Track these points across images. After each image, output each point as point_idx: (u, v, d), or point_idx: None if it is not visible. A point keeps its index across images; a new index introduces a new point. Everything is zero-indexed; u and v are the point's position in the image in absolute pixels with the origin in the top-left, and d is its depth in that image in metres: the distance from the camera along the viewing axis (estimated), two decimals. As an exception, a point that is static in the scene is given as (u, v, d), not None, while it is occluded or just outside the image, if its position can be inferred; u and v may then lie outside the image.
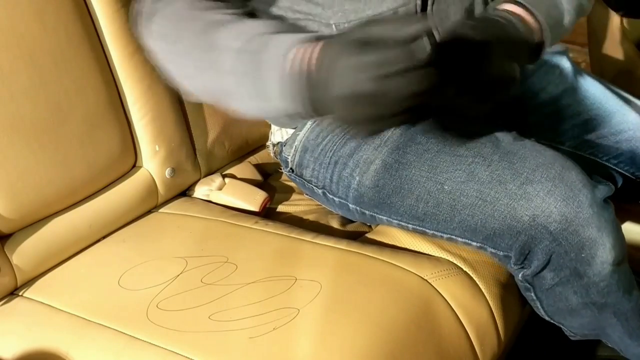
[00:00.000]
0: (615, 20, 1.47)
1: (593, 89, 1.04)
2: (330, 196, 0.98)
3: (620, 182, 1.01)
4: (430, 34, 0.85)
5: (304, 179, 1.02)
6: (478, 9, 0.95)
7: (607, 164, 1.03)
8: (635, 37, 1.47)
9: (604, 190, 0.80)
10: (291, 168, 1.03)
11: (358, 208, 0.94)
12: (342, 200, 0.96)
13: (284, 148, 1.05)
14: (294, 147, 1.01)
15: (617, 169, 1.03)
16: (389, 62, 0.61)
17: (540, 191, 0.78)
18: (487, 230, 0.82)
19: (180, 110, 1.07)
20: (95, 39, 0.97)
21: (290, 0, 0.90)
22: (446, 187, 0.83)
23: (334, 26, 0.88)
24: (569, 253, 0.79)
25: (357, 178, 0.91)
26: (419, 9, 0.88)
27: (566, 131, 1.02)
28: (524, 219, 0.78)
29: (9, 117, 0.86)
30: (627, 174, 1.03)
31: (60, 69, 0.91)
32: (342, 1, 0.87)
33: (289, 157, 1.03)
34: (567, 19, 0.88)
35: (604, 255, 0.78)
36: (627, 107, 1.03)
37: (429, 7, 0.89)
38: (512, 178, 0.79)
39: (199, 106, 1.10)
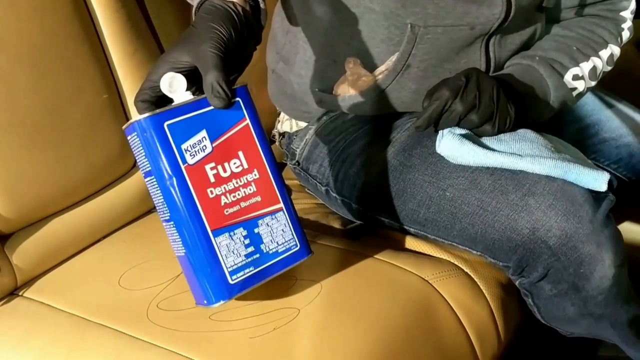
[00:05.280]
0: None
1: (590, 96, 1.04)
2: (334, 194, 0.97)
3: (615, 184, 1.02)
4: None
5: (308, 174, 1.02)
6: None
7: (607, 168, 1.03)
8: (635, 37, 1.46)
9: (605, 205, 0.79)
10: (297, 161, 1.03)
11: (361, 208, 0.94)
12: (345, 199, 0.96)
13: (293, 139, 1.04)
14: (305, 140, 1.01)
15: (616, 173, 1.04)
16: None
17: (541, 204, 0.77)
18: (487, 240, 0.82)
19: (180, 110, 1.07)
20: (95, 39, 0.97)
21: None
22: (448, 194, 0.83)
23: None
24: (568, 268, 0.78)
25: (363, 178, 0.91)
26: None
27: (567, 137, 1.02)
28: (524, 232, 0.78)
29: (9, 117, 0.86)
30: (624, 178, 1.04)
31: (60, 69, 0.91)
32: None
33: (297, 150, 1.03)
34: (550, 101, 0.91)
35: (602, 270, 0.78)
36: (623, 113, 1.05)
37: None
38: (515, 189, 0.78)
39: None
